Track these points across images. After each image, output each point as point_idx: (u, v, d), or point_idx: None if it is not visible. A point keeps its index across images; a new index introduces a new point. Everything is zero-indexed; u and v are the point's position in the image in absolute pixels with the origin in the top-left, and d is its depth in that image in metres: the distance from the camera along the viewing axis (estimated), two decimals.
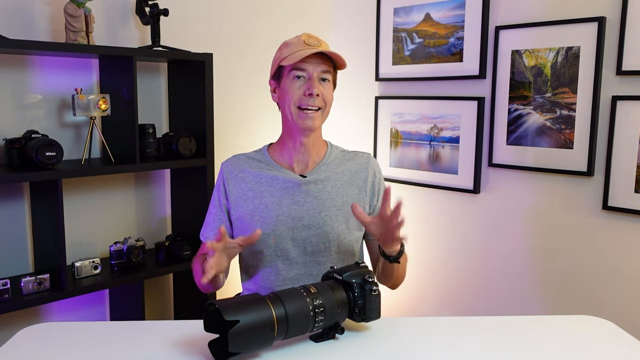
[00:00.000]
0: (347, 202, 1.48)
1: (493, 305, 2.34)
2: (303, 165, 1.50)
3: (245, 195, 1.48)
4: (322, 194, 1.47)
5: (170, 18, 2.23)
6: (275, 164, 1.50)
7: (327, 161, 1.52)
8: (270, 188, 1.47)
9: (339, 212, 1.47)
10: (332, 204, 1.46)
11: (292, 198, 1.45)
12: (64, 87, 2.01)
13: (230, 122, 2.52)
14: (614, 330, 1.27)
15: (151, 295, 2.33)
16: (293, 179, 1.46)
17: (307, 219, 1.45)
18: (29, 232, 1.99)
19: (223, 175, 1.52)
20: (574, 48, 2.00)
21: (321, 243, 1.45)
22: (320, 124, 1.46)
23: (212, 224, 1.52)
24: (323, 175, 1.49)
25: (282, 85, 1.46)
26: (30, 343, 1.17)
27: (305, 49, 1.40)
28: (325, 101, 1.44)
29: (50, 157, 1.76)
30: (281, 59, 1.43)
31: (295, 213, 1.45)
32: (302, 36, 1.44)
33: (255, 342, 1.05)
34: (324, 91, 1.43)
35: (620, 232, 1.96)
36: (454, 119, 2.38)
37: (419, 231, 2.57)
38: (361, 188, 1.51)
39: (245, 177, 1.49)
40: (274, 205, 1.45)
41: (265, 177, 1.48)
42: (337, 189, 1.48)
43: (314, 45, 1.41)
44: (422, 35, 2.47)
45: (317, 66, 1.41)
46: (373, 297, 1.18)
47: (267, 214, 1.45)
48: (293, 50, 1.41)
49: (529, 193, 2.19)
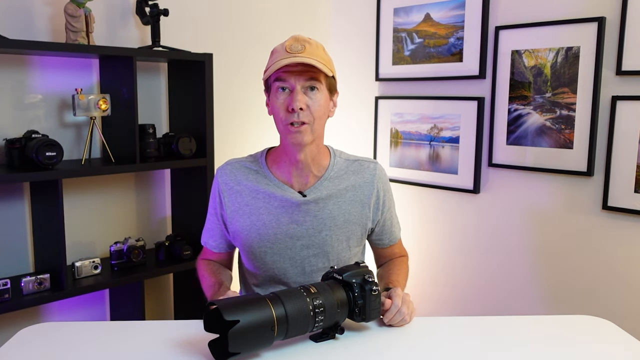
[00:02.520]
0: (348, 221, 1.41)
1: (493, 305, 2.34)
2: (302, 182, 1.39)
3: (242, 210, 1.40)
4: (323, 212, 1.38)
5: (170, 18, 2.23)
6: (273, 177, 1.40)
7: (329, 175, 1.41)
8: (268, 205, 1.38)
9: (340, 230, 1.40)
10: (333, 223, 1.39)
11: (291, 217, 1.37)
12: (64, 87, 2.01)
13: (230, 122, 2.52)
14: (614, 330, 1.27)
15: (151, 295, 2.33)
16: (292, 199, 1.37)
17: (306, 238, 1.38)
18: (29, 232, 1.99)
19: (219, 186, 1.43)
20: (574, 48, 2.00)
21: (320, 262, 1.41)
22: (311, 138, 1.32)
23: (211, 232, 1.50)
24: (325, 192, 1.39)
25: (270, 98, 1.34)
26: (30, 343, 1.17)
27: (283, 58, 1.26)
28: (313, 114, 1.29)
29: (51, 157, 1.76)
30: (266, 72, 1.32)
31: (293, 232, 1.38)
32: (286, 41, 1.31)
33: (255, 342, 1.05)
34: (312, 103, 1.29)
35: (620, 232, 1.96)
36: (454, 119, 2.38)
37: (419, 231, 2.57)
38: (364, 204, 1.43)
39: (241, 190, 1.41)
40: (271, 223, 1.38)
41: (263, 193, 1.39)
42: (339, 207, 1.40)
43: (295, 52, 1.27)
44: (422, 35, 2.47)
45: (300, 76, 1.27)
46: (373, 297, 1.18)
47: (264, 232, 1.38)
48: (275, 59, 1.29)
49: (529, 193, 2.19)
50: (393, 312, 1.23)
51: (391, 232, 1.53)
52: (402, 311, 1.23)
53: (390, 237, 1.54)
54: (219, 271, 1.48)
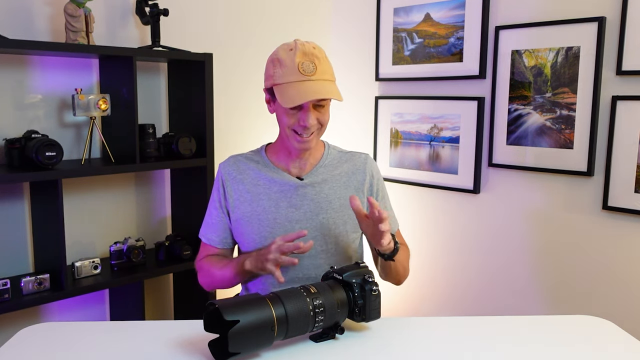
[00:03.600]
0: (344, 205, 1.47)
1: (493, 305, 2.34)
2: (300, 168, 1.48)
3: (243, 197, 1.47)
4: (320, 196, 1.45)
5: (170, 18, 2.23)
6: (272, 165, 1.49)
7: (324, 163, 1.50)
8: (268, 191, 1.46)
9: (337, 214, 1.46)
10: (329, 206, 1.45)
11: (290, 201, 1.44)
12: (64, 87, 2.01)
13: (230, 122, 2.52)
14: (614, 330, 1.27)
15: (151, 295, 2.33)
16: (290, 182, 1.45)
17: (304, 222, 1.44)
18: (29, 232, 1.99)
19: (222, 177, 1.50)
20: (574, 48, 2.00)
21: (319, 246, 1.44)
22: (315, 142, 1.42)
23: (214, 226, 1.52)
24: (320, 177, 1.47)
25: (276, 105, 1.39)
26: (30, 343, 1.17)
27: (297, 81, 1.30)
28: (322, 123, 1.39)
29: (50, 157, 1.76)
30: (274, 81, 1.35)
31: (292, 216, 1.44)
32: (296, 56, 1.31)
33: (255, 342, 1.05)
34: (320, 116, 1.37)
35: (620, 232, 1.96)
36: (454, 119, 2.38)
37: (419, 231, 2.57)
38: (358, 190, 1.50)
39: (243, 178, 1.48)
40: (271, 209, 1.44)
41: (264, 179, 1.47)
42: (334, 191, 1.47)
43: (308, 72, 1.31)
44: (422, 35, 2.47)
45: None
46: (373, 297, 1.18)
47: (264, 217, 1.44)
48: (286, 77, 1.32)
49: (529, 193, 2.19)
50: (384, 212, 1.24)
51: None
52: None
53: None
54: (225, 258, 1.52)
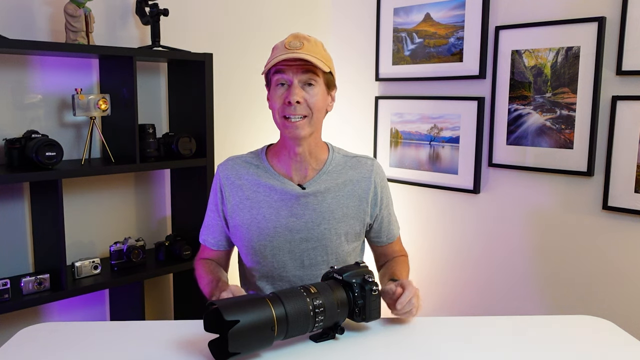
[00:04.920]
0: (347, 214, 1.43)
1: (493, 305, 2.34)
2: (302, 175, 1.43)
3: (243, 204, 1.43)
4: (322, 206, 1.41)
5: (170, 18, 2.23)
6: (273, 171, 1.44)
7: (328, 169, 1.45)
8: (268, 198, 1.41)
9: (339, 224, 1.42)
10: (331, 216, 1.41)
11: (290, 210, 1.40)
12: (64, 87, 2.01)
13: (230, 122, 2.52)
14: (614, 330, 1.27)
15: (151, 295, 2.33)
16: (291, 191, 1.40)
17: (305, 231, 1.40)
18: (29, 232, 1.99)
19: (220, 181, 1.46)
20: (574, 48, 2.00)
21: (319, 256, 1.42)
22: (309, 132, 1.36)
23: (212, 229, 1.50)
24: (323, 186, 1.42)
25: (269, 92, 1.39)
26: (30, 343, 1.17)
27: (282, 54, 1.31)
28: (311, 107, 1.34)
29: (50, 157, 1.76)
30: (266, 66, 1.37)
31: (293, 225, 1.40)
32: (286, 39, 1.36)
33: (255, 342, 1.05)
34: (309, 97, 1.34)
35: (620, 232, 1.96)
36: (454, 119, 2.38)
37: (419, 231, 2.57)
38: (362, 199, 1.45)
39: (242, 184, 1.44)
40: (271, 217, 1.40)
41: (263, 186, 1.42)
42: (337, 201, 1.43)
43: (294, 48, 1.32)
44: (422, 35, 2.47)
45: (298, 71, 1.32)
46: (373, 297, 1.18)
47: (264, 225, 1.40)
48: (274, 55, 1.34)
49: (529, 193, 2.19)
50: (407, 297, 1.22)
51: (389, 230, 1.54)
52: (412, 302, 1.23)
53: (389, 235, 1.54)
54: (216, 270, 1.49)
